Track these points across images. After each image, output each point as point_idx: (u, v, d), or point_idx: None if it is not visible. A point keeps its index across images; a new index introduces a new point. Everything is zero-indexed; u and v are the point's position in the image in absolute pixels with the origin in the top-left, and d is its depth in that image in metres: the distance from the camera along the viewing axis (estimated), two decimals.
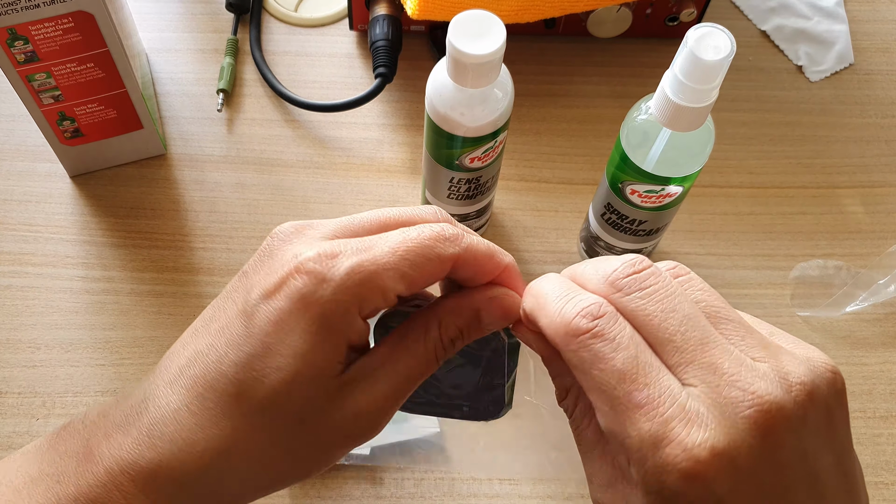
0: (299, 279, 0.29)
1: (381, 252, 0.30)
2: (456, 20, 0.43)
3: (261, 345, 0.29)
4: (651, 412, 0.27)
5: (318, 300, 0.29)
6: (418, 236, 0.30)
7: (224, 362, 0.30)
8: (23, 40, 0.50)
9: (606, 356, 0.28)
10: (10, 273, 0.57)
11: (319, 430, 0.30)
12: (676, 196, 0.48)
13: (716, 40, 0.40)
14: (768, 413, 0.26)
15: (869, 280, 0.58)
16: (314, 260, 0.29)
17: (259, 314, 0.30)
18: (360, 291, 0.29)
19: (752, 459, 0.26)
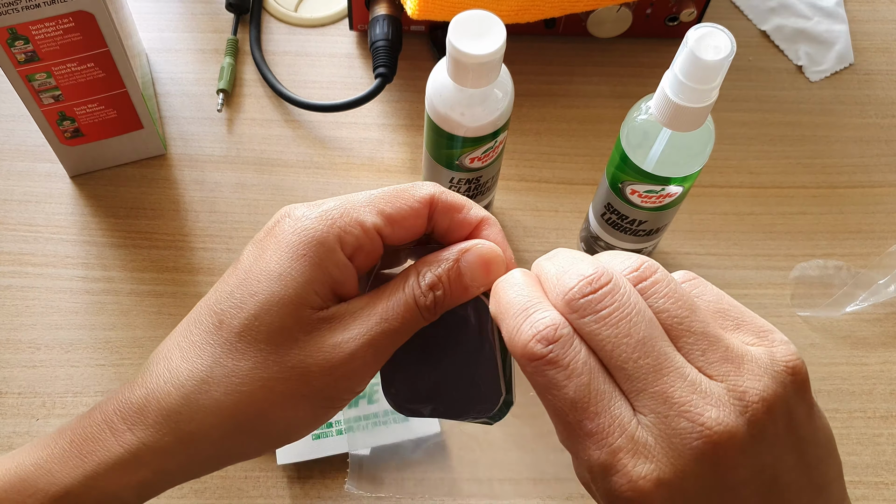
0: (284, 221, 0.32)
1: (360, 196, 0.32)
2: (456, 20, 0.43)
3: (244, 275, 0.31)
4: (601, 441, 0.27)
5: (297, 229, 0.31)
6: (396, 185, 0.33)
7: (210, 299, 0.32)
8: (23, 40, 0.50)
9: (559, 383, 0.27)
10: (11, 273, 0.57)
11: (293, 359, 0.31)
12: (676, 196, 0.48)
13: (716, 40, 0.40)
14: (717, 444, 0.26)
15: (869, 280, 0.58)
16: (299, 206, 0.32)
17: (246, 254, 0.32)
18: (337, 222, 0.31)
19: (701, 488, 0.26)
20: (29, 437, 0.52)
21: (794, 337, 0.57)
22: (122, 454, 0.31)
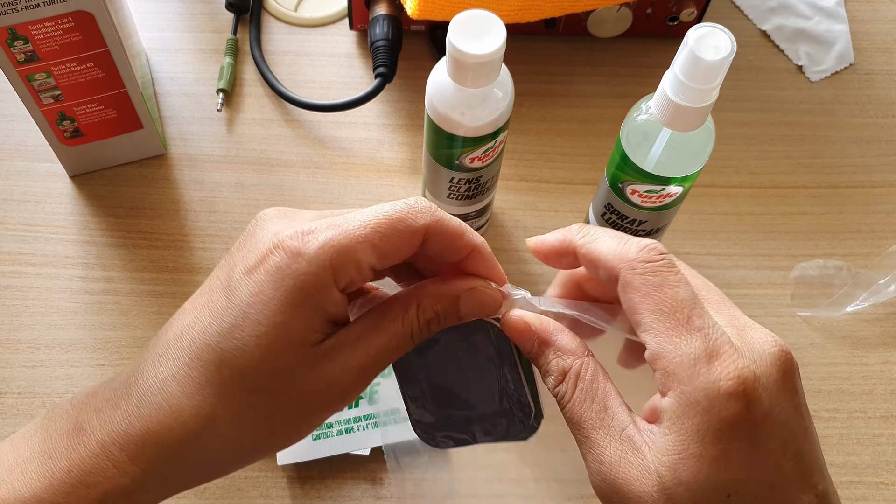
0: (277, 254, 0.31)
1: (353, 226, 0.31)
2: (456, 20, 0.43)
3: (241, 315, 0.31)
4: (706, 335, 0.31)
5: (294, 272, 0.31)
6: (389, 209, 0.32)
7: (207, 332, 0.31)
8: (23, 40, 0.49)
9: (673, 284, 0.32)
10: (10, 273, 0.57)
11: (296, 396, 0.32)
12: (677, 196, 0.48)
13: (716, 40, 0.40)
14: (786, 353, 0.31)
15: (869, 280, 0.58)
16: (291, 237, 0.31)
17: (240, 287, 0.31)
18: (333, 264, 0.31)
19: (778, 390, 0.30)
20: None
21: (795, 337, 0.57)
22: (127, 485, 0.32)
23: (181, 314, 0.33)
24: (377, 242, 0.31)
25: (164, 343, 0.33)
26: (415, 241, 0.32)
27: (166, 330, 0.33)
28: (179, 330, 0.32)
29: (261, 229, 0.33)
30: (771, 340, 0.31)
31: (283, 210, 0.34)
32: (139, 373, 0.33)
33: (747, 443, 0.29)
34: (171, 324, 0.33)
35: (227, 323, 0.31)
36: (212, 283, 0.33)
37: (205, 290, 0.33)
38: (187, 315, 0.33)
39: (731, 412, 0.29)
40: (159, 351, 0.33)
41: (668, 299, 0.31)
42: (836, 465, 0.53)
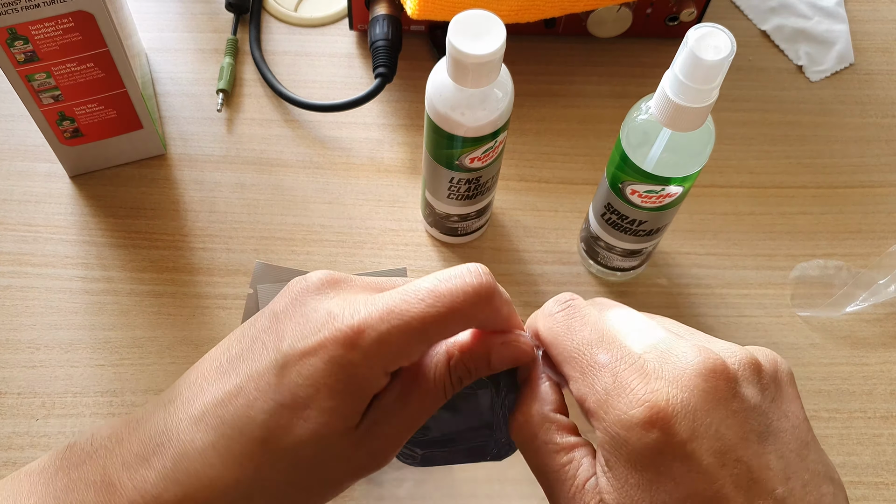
0: (332, 347, 0.31)
1: (410, 316, 0.31)
2: (456, 20, 0.43)
3: (291, 397, 0.31)
4: (612, 369, 0.31)
5: (349, 364, 0.31)
6: (449, 297, 0.32)
7: (254, 408, 0.31)
8: (23, 40, 0.49)
9: (577, 328, 0.32)
10: (10, 273, 0.57)
11: (336, 473, 0.33)
12: (676, 196, 0.48)
13: (716, 40, 0.40)
14: (712, 363, 0.30)
15: (869, 280, 0.58)
16: (349, 329, 0.31)
17: (293, 369, 0.31)
18: (386, 360, 0.31)
19: (704, 403, 0.29)
20: (29, 438, 0.52)
21: (795, 337, 0.57)
22: None
23: (220, 375, 0.32)
24: (433, 335, 0.32)
25: (202, 405, 0.32)
26: (468, 328, 0.33)
27: (202, 387, 0.32)
28: (220, 395, 0.32)
29: (313, 303, 0.32)
30: (694, 353, 0.30)
31: (333, 278, 0.33)
32: (173, 432, 0.32)
33: (679, 463, 0.29)
34: (208, 381, 0.33)
35: (274, 402, 0.31)
36: (255, 348, 0.32)
37: (248, 355, 0.32)
38: (228, 379, 0.32)
39: (650, 438, 0.29)
40: (196, 413, 0.32)
41: (574, 343, 0.32)
42: (837, 464, 0.53)
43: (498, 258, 0.59)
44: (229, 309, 0.56)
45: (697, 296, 0.58)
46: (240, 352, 0.33)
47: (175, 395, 0.33)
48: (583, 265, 0.59)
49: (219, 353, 0.34)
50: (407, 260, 0.59)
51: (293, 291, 0.33)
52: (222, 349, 0.34)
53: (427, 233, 0.60)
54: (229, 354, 0.33)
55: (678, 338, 0.32)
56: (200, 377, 0.33)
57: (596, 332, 0.32)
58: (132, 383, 0.54)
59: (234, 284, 0.57)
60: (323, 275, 0.33)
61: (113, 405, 0.53)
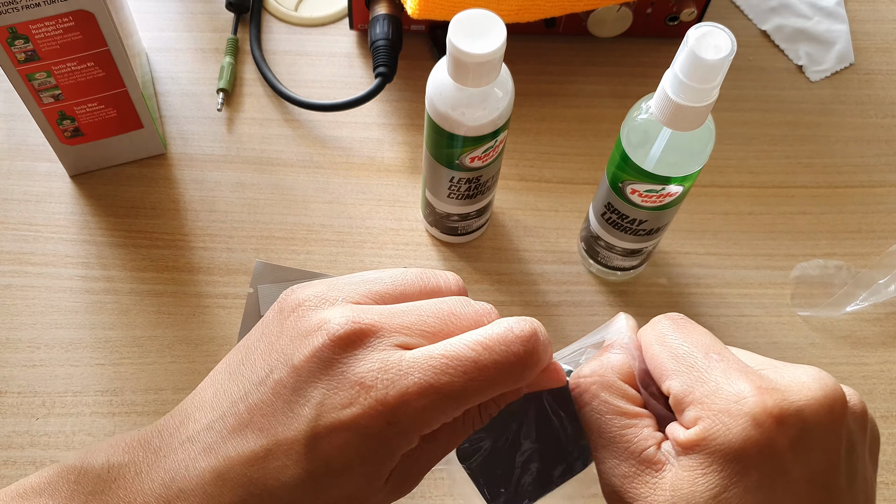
0: (366, 422, 0.29)
1: (452, 389, 0.29)
2: (456, 19, 0.43)
3: (323, 468, 0.30)
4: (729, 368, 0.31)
5: (384, 439, 0.30)
6: (495, 366, 0.30)
7: (284, 474, 0.30)
8: (23, 39, 0.49)
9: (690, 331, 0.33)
10: (10, 272, 0.57)
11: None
12: (677, 196, 0.48)
13: (716, 40, 0.40)
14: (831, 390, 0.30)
15: (869, 280, 0.58)
16: (384, 405, 0.29)
17: (324, 443, 0.30)
18: (424, 428, 0.30)
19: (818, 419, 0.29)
20: (29, 437, 0.52)
21: (795, 337, 0.57)
22: None
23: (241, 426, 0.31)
24: (473, 403, 0.30)
25: (228, 460, 0.30)
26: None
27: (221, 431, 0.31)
28: (248, 455, 0.30)
29: (341, 367, 0.30)
30: (812, 374, 0.30)
31: (360, 331, 0.30)
32: (195, 479, 0.31)
33: (771, 467, 0.29)
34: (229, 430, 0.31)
35: (305, 472, 0.30)
36: (278, 406, 0.30)
37: (269, 410, 0.30)
38: (252, 436, 0.30)
39: (755, 433, 0.29)
40: (222, 466, 0.30)
41: (687, 344, 0.32)
42: None
43: (498, 258, 0.59)
44: (229, 308, 0.56)
45: (697, 295, 0.58)
46: (259, 403, 0.31)
47: (194, 435, 0.31)
48: (583, 265, 0.59)
49: (234, 391, 0.32)
50: (407, 259, 0.59)
51: (316, 343, 0.30)
52: (236, 387, 0.32)
53: (427, 232, 0.60)
54: (248, 402, 0.31)
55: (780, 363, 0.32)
56: (219, 420, 0.31)
57: (711, 339, 0.32)
58: (132, 382, 0.54)
59: (234, 284, 0.57)
60: (346, 327, 0.30)
61: (113, 404, 0.53)
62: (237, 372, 0.32)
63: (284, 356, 0.31)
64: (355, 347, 0.30)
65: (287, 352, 0.31)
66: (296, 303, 0.32)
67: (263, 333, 0.32)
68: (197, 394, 0.33)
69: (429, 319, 0.31)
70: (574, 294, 0.58)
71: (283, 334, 0.31)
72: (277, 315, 0.32)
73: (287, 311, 0.32)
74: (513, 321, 0.31)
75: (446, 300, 0.32)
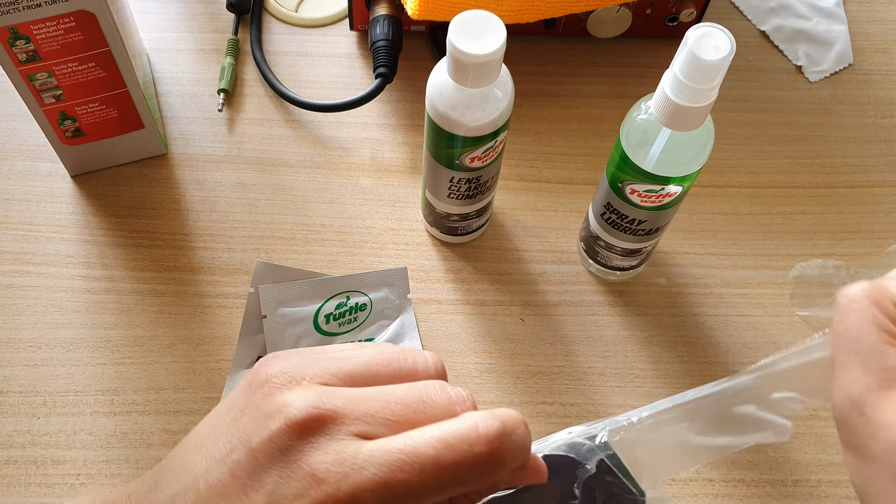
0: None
1: (409, 488, 0.28)
2: (456, 20, 0.43)
3: None
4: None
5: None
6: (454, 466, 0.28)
7: None
8: (24, 39, 0.50)
9: None
10: (12, 272, 0.57)
11: None
12: (676, 196, 0.48)
13: (715, 40, 0.40)
14: None
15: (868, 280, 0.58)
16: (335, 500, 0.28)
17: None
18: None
19: None
20: (30, 437, 0.52)
21: (794, 336, 0.57)
22: None
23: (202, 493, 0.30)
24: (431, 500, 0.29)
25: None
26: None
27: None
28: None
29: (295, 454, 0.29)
30: None
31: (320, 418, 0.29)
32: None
33: None
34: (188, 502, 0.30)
35: None
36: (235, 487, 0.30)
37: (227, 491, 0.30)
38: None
39: None
40: None
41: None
42: (836, 464, 0.53)
43: (498, 257, 0.59)
44: (230, 308, 0.56)
45: (697, 295, 0.58)
46: (217, 483, 0.30)
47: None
48: (582, 265, 0.59)
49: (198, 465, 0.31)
50: (407, 259, 0.59)
51: (273, 428, 0.29)
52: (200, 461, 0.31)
53: (427, 232, 0.60)
54: (207, 480, 0.30)
55: None
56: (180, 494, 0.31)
57: None
58: (133, 382, 0.54)
59: (235, 283, 0.57)
60: (304, 412, 0.29)
61: (114, 404, 0.53)
62: (202, 445, 0.31)
63: (244, 436, 0.30)
64: (313, 434, 0.29)
65: (247, 432, 0.30)
66: (264, 378, 0.31)
67: (231, 406, 0.32)
68: (169, 459, 0.33)
69: (395, 407, 0.30)
70: (574, 294, 0.58)
71: (247, 412, 0.31)
72: (247, 388, 0.32)
73: (255, 385, 0.31)
74: (481, 417, 0.29)
75: (419, 385, 0.30)
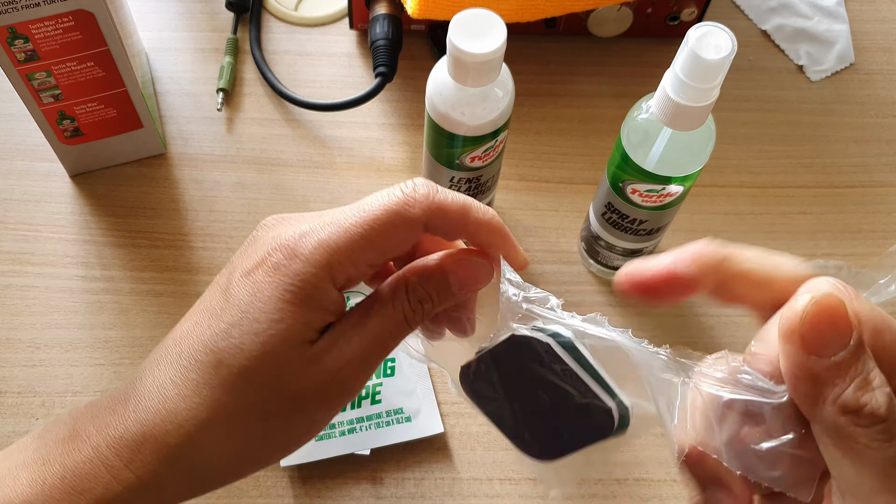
0: (275, 255, 0.31)
1: (348, 223, 0.31)
2: (456, 19, 0.43)
3: (239, 314, 0.31)
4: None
5: (291, 272, 0.31)
6: (385, 201, 0.32)
7: (205, 334, 0.31)
8: (23, 39, 0.49)
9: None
10: (10, 272, 0.57)
11: (294, 394, 0.32)
12: (677, 195, 0.48)
13: (716, 39, 0.40)
14: None
15: (869, 280, 0.57)
16: (288, 239, 0.31)
17: (239, 288, 0.31)
18: (330, 262, 0.31)
19: None
20: None
21: None
22: (121, 492, 0.31)
23: (181, 322, 0.33)
24: (374, 238, 0.31)
25: (164, 349, 0.33)
26: (414, 233, 0.32)
27: (166, 338, 0.33)
28: (179, 335, 0.32)
29: (262, 235, 0.33)
30: None
31: (284, 216, 0.33)
32: (137, 380, 0.33)
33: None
34: (172, 331, 0.33)
35: (224, 323, 0.31)
36: (212, 289, 0.33)
37: (205, 298, 0.33)
38: (187, 322, 0.33)
39: None
40: (157, 356, 0.33)
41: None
42: None
43: None
44: None
45: None
46: (199, 300, 0.33)
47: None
48: (583, 265, 0.59)
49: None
50: None
51: (249, 237, 0.34)
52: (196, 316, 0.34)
53: None
54: (192, 307, 0.33)
55: None
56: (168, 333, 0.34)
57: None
58: None
59: None
60: (274, 217, 0.34)
61: None
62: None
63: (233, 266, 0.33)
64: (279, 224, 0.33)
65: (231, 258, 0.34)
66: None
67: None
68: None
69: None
70: (574, 294, 0.58)
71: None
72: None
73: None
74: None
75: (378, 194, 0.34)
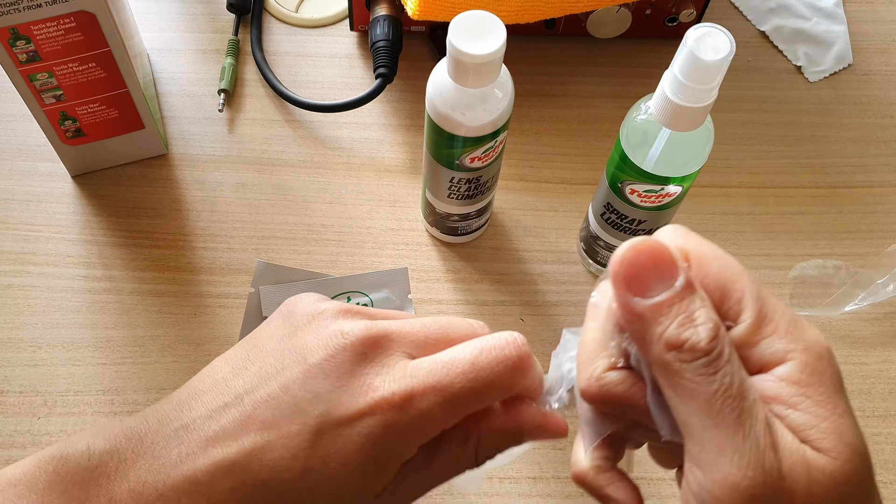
0: (370, 422, 0.31)
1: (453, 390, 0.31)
2: (456, 20, 0.43)
3: (320, 464, 0.31)
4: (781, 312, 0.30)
5: (386, 442, 0.31)
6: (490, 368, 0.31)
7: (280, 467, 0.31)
8: (25, 40, 0.50)
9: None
10: (12, 272, 0.57)
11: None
12: (676, 196, 0.48)
13: (715, 40, 0.40)
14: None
15: (868, 280, 0.58)
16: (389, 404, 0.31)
17: (326, 439, 0.31)
18: (425, 433, 0.31)
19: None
20: (31, 437, 0.52)
21: None
22: None
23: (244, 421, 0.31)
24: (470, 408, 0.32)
25: (226, 450, 0.31)
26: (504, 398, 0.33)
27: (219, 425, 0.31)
28: (249, 447, 0.31)
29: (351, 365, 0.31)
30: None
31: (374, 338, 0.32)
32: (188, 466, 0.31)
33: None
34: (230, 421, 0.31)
35: (303, 466, 0.30)
36: (284, 400, 0.31)
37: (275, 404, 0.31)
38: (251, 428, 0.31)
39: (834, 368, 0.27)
40: (218, 457, 0.31)
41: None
42: None
43: (498, 257, 0.59)
44: (231, 308, 0.57)
45: None
46: (266, 397, 0.31)
47: (190, 423, 0.32)
48: (582, 265, 0.59)
49: (238, 384, 0.32)
50: (407, 259, 0.59)
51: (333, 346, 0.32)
52: (240, 380, 0.32)
53: (427, 232, 0.60)
54: (253, 396, 0.32)
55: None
56: (220, 410, 0.32)
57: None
58: (134, 382, 0.54)
59: (235, 284, 0.57)
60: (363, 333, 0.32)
61: (115, 403, 0.53)
62: (242, 367, 0.33)
63: (298, 356, 0.32)
64: (369, 354, 0.32)
65: (301, 352, 0.32)
66: (315, 311, 0.33)
67: (272, 334, 0.33)
68: (192, 385, 0.33)
69: (430, 328, 0.33)
70: (574, 294, 0.58)
71: (297, 336, 0.33)
72: (288, 318, 0.34)
73: (301, 315, 0.33)
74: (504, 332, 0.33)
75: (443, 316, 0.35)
